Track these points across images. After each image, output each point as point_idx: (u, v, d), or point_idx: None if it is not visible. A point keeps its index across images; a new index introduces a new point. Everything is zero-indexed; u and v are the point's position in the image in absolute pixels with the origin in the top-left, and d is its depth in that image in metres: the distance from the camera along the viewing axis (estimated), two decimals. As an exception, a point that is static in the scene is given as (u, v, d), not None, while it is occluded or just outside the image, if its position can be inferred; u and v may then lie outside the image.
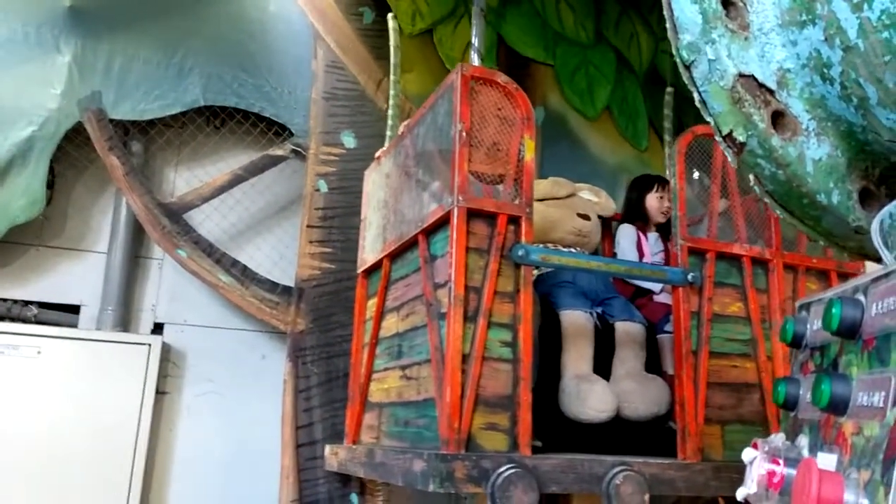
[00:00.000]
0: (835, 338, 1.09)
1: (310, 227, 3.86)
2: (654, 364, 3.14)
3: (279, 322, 3.80)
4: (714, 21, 1.14)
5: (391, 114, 3.48)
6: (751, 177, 1.22)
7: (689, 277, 2.72)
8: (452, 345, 2.29)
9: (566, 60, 4.77)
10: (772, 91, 1.14)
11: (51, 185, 3.72)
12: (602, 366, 2.98)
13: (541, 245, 3.03)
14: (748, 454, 1.12)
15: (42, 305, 3.75)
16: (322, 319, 3.79)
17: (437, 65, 4.29)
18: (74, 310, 3.83)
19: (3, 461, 3.35)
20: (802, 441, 1.12)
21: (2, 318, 3.63)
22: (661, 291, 3.37)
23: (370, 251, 3.26)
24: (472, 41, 2.97)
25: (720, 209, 2.93)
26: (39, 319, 3.69)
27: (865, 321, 1.01)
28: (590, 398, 2.76)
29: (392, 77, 3.49)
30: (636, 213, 3.67)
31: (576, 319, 2.98)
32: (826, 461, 0.99)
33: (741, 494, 1.12)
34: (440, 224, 2.50)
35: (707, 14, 1.14)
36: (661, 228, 3.64)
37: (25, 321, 3.65)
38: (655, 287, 3.39)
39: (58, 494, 3.37)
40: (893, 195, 1.19)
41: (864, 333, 1.01)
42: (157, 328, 3.97)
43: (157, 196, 3.81)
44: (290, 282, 3.86)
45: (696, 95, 1.19)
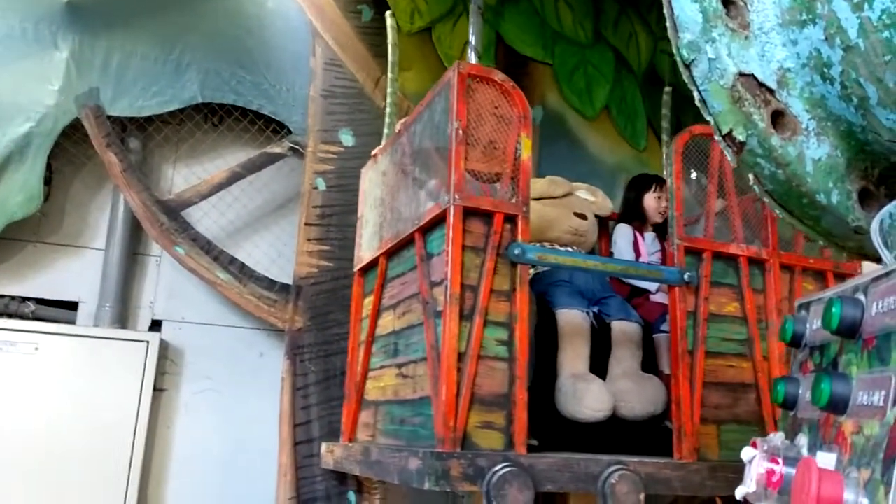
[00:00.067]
0: (835, 337, 1.09)
1: (308, 225, 3.86)
2: (651, 364, 3.15)
3: (277, 320, 3.79)
4: (714, 20, 1.14)
5: (388, 112, 3.47)
6: (750, 176, 1.22)
7: (686, 277, 2.73)
8: (448, 343, 2.29)
9: (565, 60, 4.77)
10: (772, 90, 1.14)
11: (48, 182, 3.70)
12: (598, 365, 2.98)
13: (537, 244, 3.03)
14: (747, 453, 1.13)
15: (40, 302, 3.74)
16: (320, 317, 3.78)
17: (436, 63, 4.28)
18: (72, 306, 3.82)
19: (1, 458, 3.33)
20: (802, 440, 1.12)
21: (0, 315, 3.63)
22: (658, 291, 3.38)
23: (367, 249, 3.26)
24: (470, 39, 2.97)
25: (717, 209, 2.93)
26: (37, 316, 3.68)
27: (866, 320, 1.01)
28: (586, 397, 2.76)
29: (390, 75, 3.49)
30: (634, 213, 3.67)
31: (572, 318, 2.98)
32: (825, 460, 0.99)
33: (740, 493, 1.12)
34: (437, 222, 2.50)
35: (707, 13, 1.14)
36: (658, 228, 3.65)
37: (23, 317, 3.64)
38: (652, 287, 3.39)
39: (55, 491, 3.37)
40: (893, 195, 1.19)
41: (865, 333, 1.01)
42: (155, 325, 3.96)
43: (155, 193, 3.80)
44: (288, 279, 3.86)
45: (696, 94, 1.19)
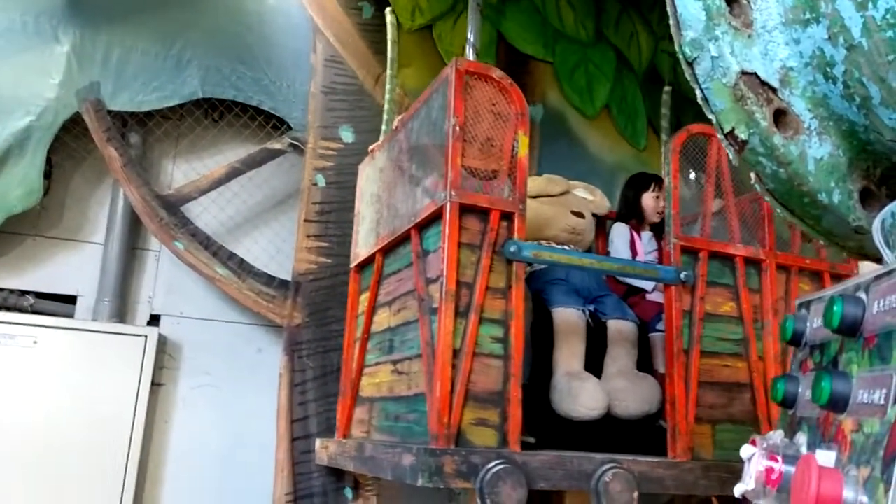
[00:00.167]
0: (835, 336, 1.09)
1: (307, 222, 3.86)
2: (646, 362, 3.15)
3: (275, 316, 3.79)
4: (717, 18, 1.14)
5: (387, 108, 3.47)
6: (752, 175, 1.22)
7: (682, 276, 2.73)
8: (443, 340, 2.29)
9: (566, 58, 4.77)
10: (774, 89, 1.14)
11: (48, 176, 3.69)
12: (594, 364, 2.99)
13: (534, 242, 3.03)
14: (746, 451, 1.13)
15: (39, 295, 3.73)
16: (318, 314, 3.78)
17: (437, 60, 4.28)
18: (71, 300, 3.82)
19: (-1, 451, 3.34)
20: (801, 438, 1.12)
21: (-2, 308, 3.63)
22: (654, 290, 3.39)
23: (363, 246, 3.26)
24: (468, 36, 2.97)
25: (714, 209, 2.94)
26: (36, 309, 3.68)
27: (867, 319, 1.01)
28: (581, 396, 2.76)
29: (389, 72, 3.49)
30: (631, 212, 3.67)
31: (568, 317, 2.99)
32: (824, 458, 0.99)
33: (739, 491, 1.13)
34: (433, 219, 2.50)
35: (710, 11, 1.14)
36: (656, 228, 3.65)
37: (22, 311, 3.63)
38: (648, 286, 3.39)
39: (53, 484, 3.36)
40: (894, 195, 1.19)
41: (866, 331, 1.01)
42: (154, 320, 3.95)
43: (155, 188, 3.80)
44: (287, 276, 3.86)
45: (699, 92, 1.19)
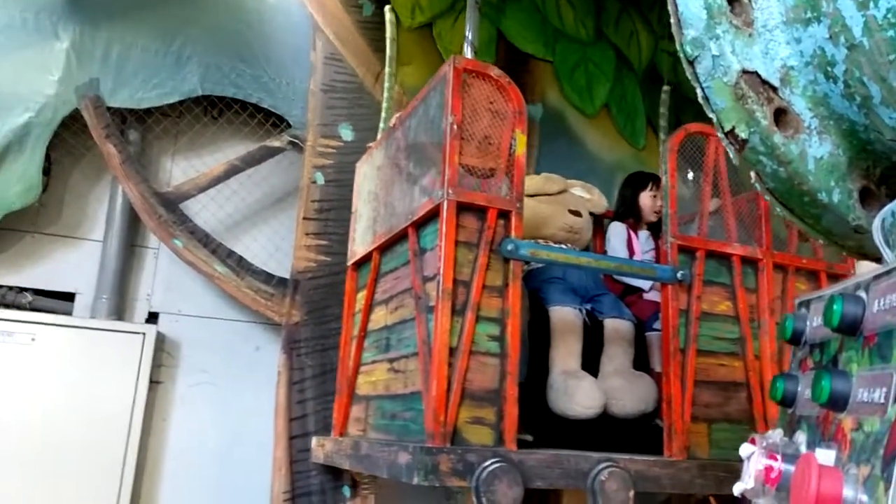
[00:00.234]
0: (835, 334, 1.10)
1: (306, 220, 3.85)
2: (643, 361, 3.16)
3: (274, 314, 3.79)
4: (719, 17, 1.14)
5: (385, 106, 3.47)
6: (752, 174, 1.22)
7: (679, 275, 2.73)
8: (440, 338, 2.28)
9: (566, 57, 4.77)
10: (775, 88, 1.14)
11: (47, 172, 3.69)
12: (590, 362, 2.99)
13: (531, 240, 3.03)
14: (745, 449, 1.13)
15: (37, 292, 3.74)
16: (317, 312, 3.78)
17: (436, 58, 4.27)
18: (69, 297, 3.81)
19: (-3, 448, 3.34)
20: (800, 437, 1.12)
21: (-3, 305, 3.63)
22: (651, 289, 3.39)
23: (360, 244, 3.26)
24: (466, 34, 2.96)
25: (712, 208, 2.93)
26: (34, 306, 3.68)
27: (867, 318, 1.01)
28: (577, 394, 2.76)
29: (387, 70, 3.49)
30: (629, 211, 3.68)
31: (565, 315, 2.99)
32: (824, 457, 0.99)
33: (738, 489, 1.13)
34: (430, 217, 2.50)
35: (712, 10, 1.14)
36: (653, 227, 3.65)
37: (20, 308, 3.63)
38: (645, 285, 3.40)
39: (51, 482, 3.36)
40: (894, 195, 1.19)
41: (866, 330, 1.01)
42: (152, 317, 3.95)
43: (154, 185, 3.79)
44: (286, 273, 3.85)
45: (699, 91, 1.19)
